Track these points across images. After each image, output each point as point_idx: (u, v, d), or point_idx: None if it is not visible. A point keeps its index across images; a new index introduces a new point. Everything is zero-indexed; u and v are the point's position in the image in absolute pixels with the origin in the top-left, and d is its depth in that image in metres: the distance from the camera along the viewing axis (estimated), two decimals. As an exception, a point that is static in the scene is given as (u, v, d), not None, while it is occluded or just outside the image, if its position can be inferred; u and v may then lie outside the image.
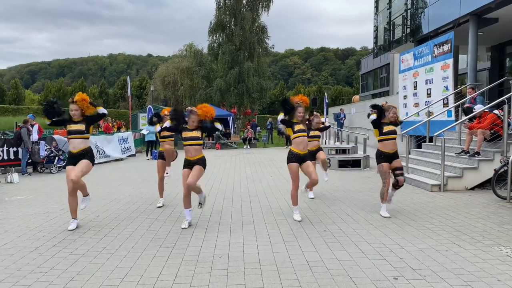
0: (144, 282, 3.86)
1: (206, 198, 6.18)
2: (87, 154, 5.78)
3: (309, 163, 6.17)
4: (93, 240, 5.19)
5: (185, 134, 5.76)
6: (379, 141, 6.41)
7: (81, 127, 5.75)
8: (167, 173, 7.40)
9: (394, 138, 6.37)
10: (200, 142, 5.85)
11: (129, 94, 23.89)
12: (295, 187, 6.12)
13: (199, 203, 6.03)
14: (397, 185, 6.45)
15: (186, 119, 5.80)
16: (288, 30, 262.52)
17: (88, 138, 5.87)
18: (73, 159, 5.73)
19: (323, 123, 8.63)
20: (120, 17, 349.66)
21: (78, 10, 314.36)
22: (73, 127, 5.74)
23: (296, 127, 6.02)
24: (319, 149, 8.22)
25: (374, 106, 6.42)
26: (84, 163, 5.70)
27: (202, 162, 5.81)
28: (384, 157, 6.33)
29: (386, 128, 6.30)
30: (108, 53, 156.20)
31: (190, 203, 5.88)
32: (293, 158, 6.03)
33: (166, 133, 6.94)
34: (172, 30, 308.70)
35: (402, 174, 6.40)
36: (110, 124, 21.40)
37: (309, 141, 6.60)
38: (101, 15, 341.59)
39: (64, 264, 4.35)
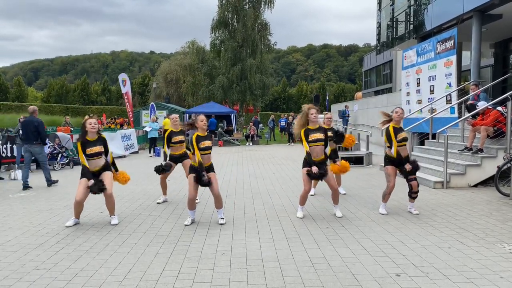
0: (147, 278, 3.88)
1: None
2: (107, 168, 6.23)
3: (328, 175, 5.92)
4: (96, 237, 5.22)
5: (202, 144, 5.64)
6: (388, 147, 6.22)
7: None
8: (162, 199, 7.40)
9: (405, 145, 6.15)
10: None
11: (123, 92, 22.90)
12: (305, 190, 6.03)
13: (221, 218, 5.88)
14: (412, 192, 6.16)
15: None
16: (290, 27, 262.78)
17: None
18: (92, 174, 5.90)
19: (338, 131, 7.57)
20: (121, 14, 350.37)
21: (78, 7, 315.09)
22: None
23: (310, 137, 5.85)
24: (335, 151, 7.54)
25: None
26: (107, 175, 6.10)
27: (211, 168, 5.81)
28: (391, 161, 6.16)
29: (399, 136, 6.03)
30: (111, 50, 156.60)
31: (194, 206, 5.87)
32: (307, 164, 5.90)
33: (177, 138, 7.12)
34: (174, 27, 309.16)
35: (415, 179, 6.14)
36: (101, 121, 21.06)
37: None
38: (102, 12, 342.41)
39: (67, 260, 4.37)
